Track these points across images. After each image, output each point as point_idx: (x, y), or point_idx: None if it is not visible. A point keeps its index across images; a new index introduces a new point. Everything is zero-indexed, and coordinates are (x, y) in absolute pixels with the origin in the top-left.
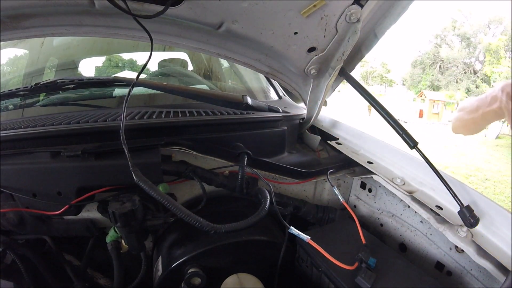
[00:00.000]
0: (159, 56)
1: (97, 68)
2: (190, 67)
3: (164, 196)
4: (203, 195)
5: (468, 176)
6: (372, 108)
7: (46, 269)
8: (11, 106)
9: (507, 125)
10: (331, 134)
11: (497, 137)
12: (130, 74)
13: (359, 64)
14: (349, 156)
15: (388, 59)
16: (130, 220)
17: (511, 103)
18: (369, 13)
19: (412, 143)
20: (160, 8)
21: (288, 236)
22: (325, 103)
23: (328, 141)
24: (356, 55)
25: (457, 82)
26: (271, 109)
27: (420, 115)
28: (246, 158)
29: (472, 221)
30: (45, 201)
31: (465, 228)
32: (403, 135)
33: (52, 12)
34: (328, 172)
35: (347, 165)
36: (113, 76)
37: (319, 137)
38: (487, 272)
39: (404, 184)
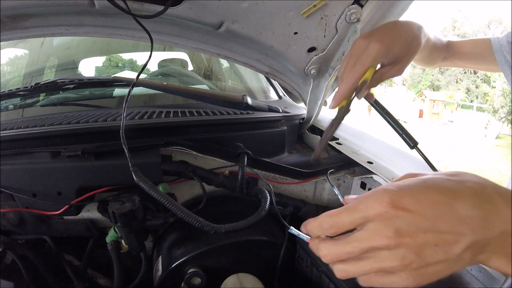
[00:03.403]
0: (159, 56)
1: (97, 68)
2: (190, 67)
3: (164, 196)
4: (203, 195)
5: None
6: (372, 108)
7: (46, 269)
8: (11, 106)
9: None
10: None
11: (497, 137)
12: (130, 74)
13: None
14: (349, 156)
15: None
16: (130, 220)
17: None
18: (369, 13)
19: (412, 143)
20: (160, 8)
21: (288, 236)
22: (325, 103)
23: (328, 141)
24: None
25: (457, 82)
26: (271, 109)
27: (420, 115)
28: (246, 158)
29: None
30: (45, 201)
31: None
32: (403, 135)
33: (52, 12)
34: (328, 172)
35: (347, 165)
36: (113, 76)
37: (319, 137)
38: (487, 272)
39: None
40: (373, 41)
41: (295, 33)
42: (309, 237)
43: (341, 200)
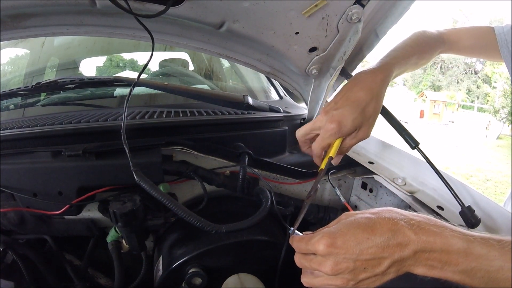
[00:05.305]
0: (160, 56)
1: (98, 68)
2: (191, 67)
3: (165, 196)
4: (204, 195)
5: (469, 177)
6: None
7: (46, 269)
8: (12, 105)
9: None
10: None
11: (498, 138)
12: (131, 74)
13: (360, 64)
14: (350, 156)
15: None
16: (131, 220)
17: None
18: (370, 13)
19: (413, 143)
20: (161, 7)
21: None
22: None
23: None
24: (358, 55)
25: (458, 82)
26: (272, 109)
27: (421, 116)
28: (247, 158)
29: (473, 221)
30: (46, 201)
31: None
32: (405, 135)
33: (53, 11)
34: (329, 172)
35: (348, 165)
36: (114, 76)
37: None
38: None
39: (405, 184)
40: (328, 122)
41: (296, 33)
42: None
43: (342, 200)
